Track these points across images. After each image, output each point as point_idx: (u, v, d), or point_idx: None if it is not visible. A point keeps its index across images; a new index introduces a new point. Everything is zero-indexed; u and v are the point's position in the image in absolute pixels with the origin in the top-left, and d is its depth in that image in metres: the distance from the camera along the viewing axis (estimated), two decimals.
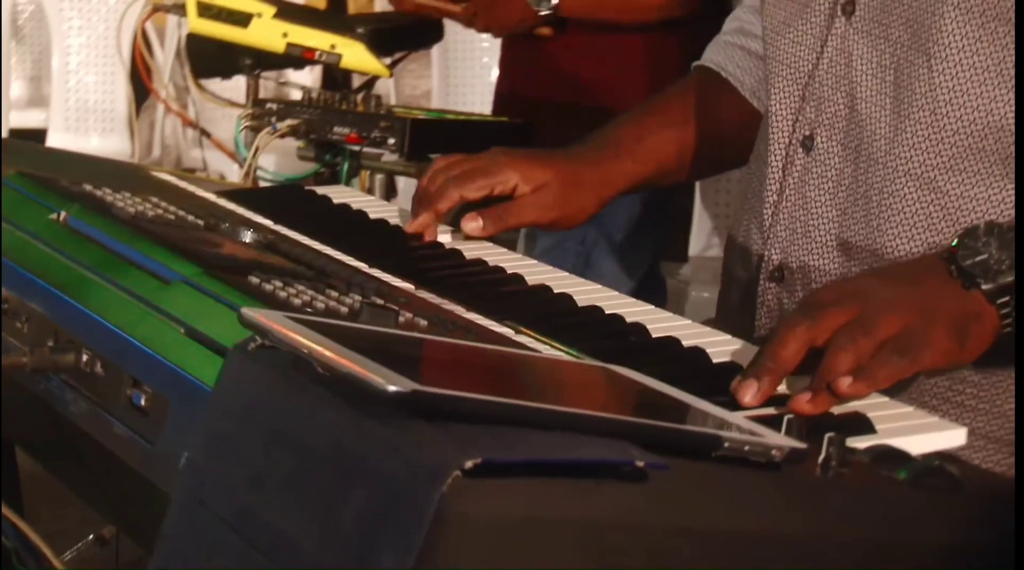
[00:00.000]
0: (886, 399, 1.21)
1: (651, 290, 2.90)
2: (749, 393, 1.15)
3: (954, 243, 1.24)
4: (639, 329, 1.33)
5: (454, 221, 1.69)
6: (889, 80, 1.38)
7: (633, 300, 1.45)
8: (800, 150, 1.45)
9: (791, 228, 1.47)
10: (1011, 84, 1.32)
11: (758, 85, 1.67)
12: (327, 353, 0.94)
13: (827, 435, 1.01)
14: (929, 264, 1.25)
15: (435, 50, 5.21)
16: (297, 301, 1.23)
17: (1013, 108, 1.32)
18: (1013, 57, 1.31)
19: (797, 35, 1.47)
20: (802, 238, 1.46)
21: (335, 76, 3.47)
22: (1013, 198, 1.34)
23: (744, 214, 1.57)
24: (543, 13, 2.83)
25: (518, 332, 1.29)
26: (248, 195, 1.82)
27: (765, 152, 1.51)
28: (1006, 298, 1.21)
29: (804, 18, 1.46)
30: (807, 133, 1.45)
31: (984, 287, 1.21)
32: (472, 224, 1.58)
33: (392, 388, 0.88)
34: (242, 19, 2.76)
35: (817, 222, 1.44)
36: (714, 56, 1.73)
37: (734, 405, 1.13)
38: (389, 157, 2.71)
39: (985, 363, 1.30)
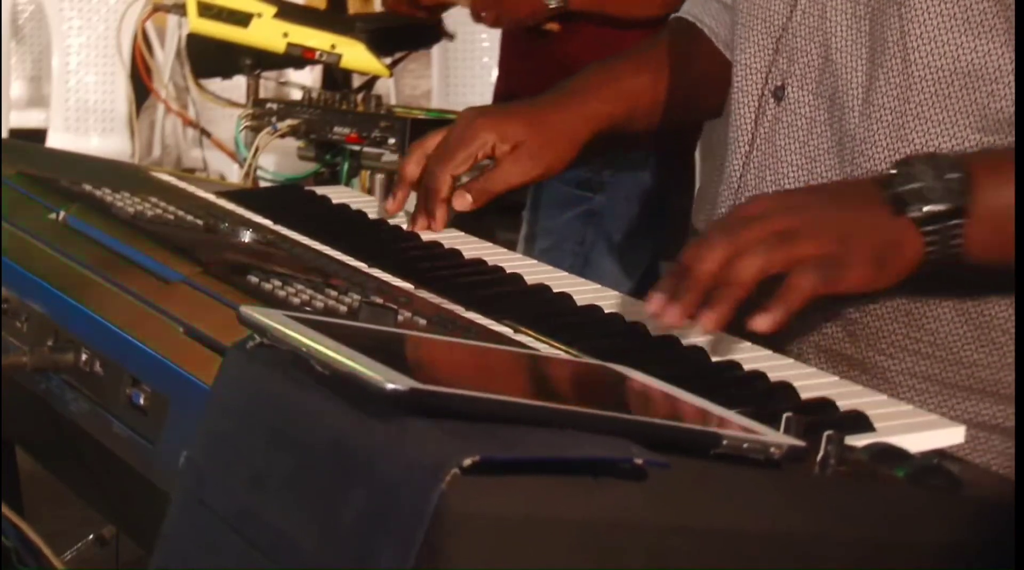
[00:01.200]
0: (884, 397, 1.22)
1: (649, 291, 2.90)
2: (670, 313, 1.18)
3: (892, 169, 1.25)
4: (638, 328, 1.33)
5: (454, 222, 1.70)
6: (864, 30, 1.40)
7: (633, 300, 1.45)
8: (771, 100, 1.48)
9: (760, 176, 1.49)
10: (978, 31, 1.33)
11: (732, 37, 1.69)
12: (326, 351, 0.94)
13: (826, 433, 1.01)
14: (863, 188, 1.27)
15: (435, 50, 5.22)
16: (296, 300, 1.23)
17: (980, 55, 1.33)
18: (980, 4, 1.32)
19: None
20: (771, 187, 1.48)
21: (335, 76, 3.47)
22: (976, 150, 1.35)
23: (713, 172, 1.60)
24: (553, 6, 2.81)
25: (517, 331, 1.29)
26: (248, 195, 1.82)
27: (732, 106, 1.53)
28: (933, 227, 1.22)
29: None
30: (779, 83, 1.47)
31: (911, 214, 1.23)
32: (461, 200, 1.61)
33: (390, 386, 0.88)
34: (242, 19, 2.77)
35: (787, 170, 1.47)
36: (691, 8, 1.75)
37: (733, 403, 1.14)
38: (389, 157, 2.71)
39: (923, 293, 1.36)
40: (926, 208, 1.22)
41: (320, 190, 1.85)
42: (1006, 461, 1.37)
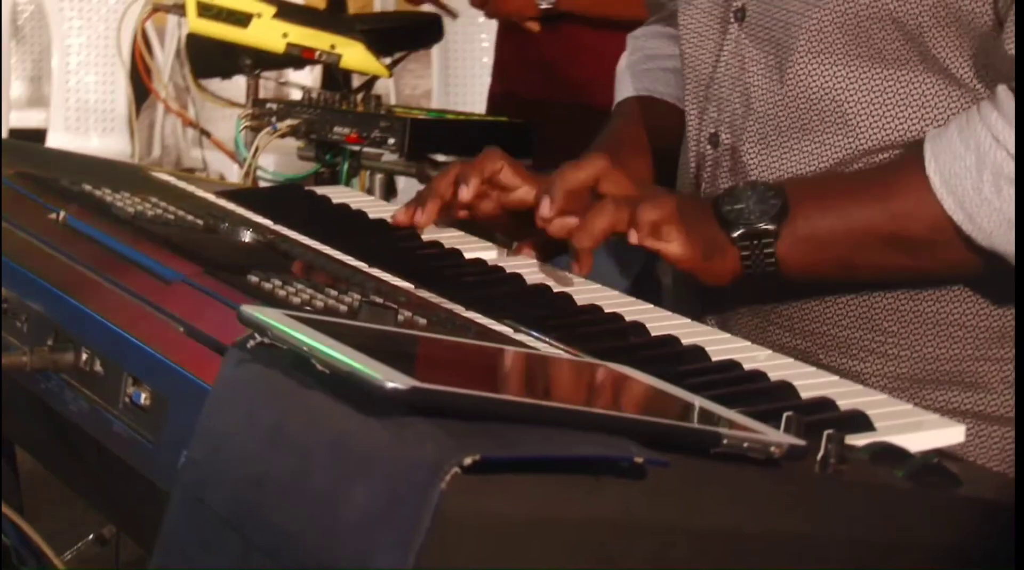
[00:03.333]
0: (885, 397, 1.22)
1: (645, 291, 2.90)
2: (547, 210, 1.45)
3: (719, 194, 1.45)
4: (638, 328, 1.34)
5: (453, 222, 1.69)
6: (776, 78, 1.49)
7: (632, 299, 1.45)
8: (709, 146, 1.57)
9: None
10: (871, 110, 1.45)
11: None
12: (326, 350, 0.94)
13: (826, 433, 1.01)
14: (700, 203, 1.47)
15: (435, 50, 5.22)
16: (296, 300, 1.23)
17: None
18: (869, 95, 1.45)
19: (700, 39, 1.58)
20: None
21: (335, 76, 3.47)
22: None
23: None
24: (544, 6, 2.81)
25: (517, 331, 1.29)
26: (248, 195, 1.82)
27: (681, 153, 1.63)
28: (747, 243, 1.41)
29: (706, 23, 1.57)
30: (712, 131, 1.56)
31: (730, 232, 1.41)
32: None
33: (391, 385, 0.88)
34: (242, 19, 2.76)
35: None
36: (639, 84, 1.82)
37: (733, 402, 1.14)
38: (389, 157, 2.71)
39: (882, 299, 1.47)
40: (742, 228, 1.41)
41: (320, 190, 1.85)
42: (980, 442, 1.47)
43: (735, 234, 1.41)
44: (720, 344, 1.31)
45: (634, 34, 1.88)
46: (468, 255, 1.56)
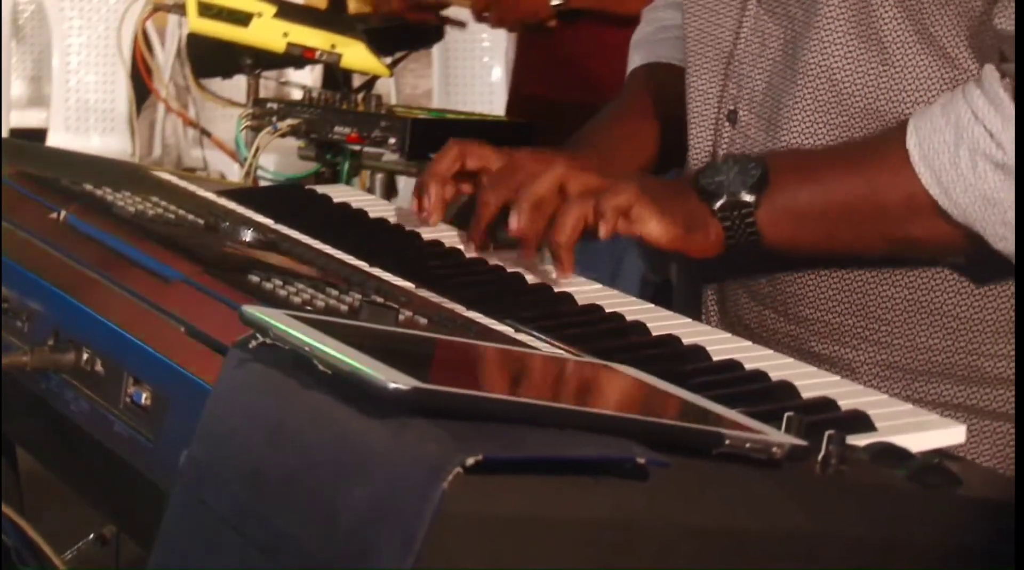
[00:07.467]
0: (885, 397, 1.22)
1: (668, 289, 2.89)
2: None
3: (699, 169, 1.46)
4: (639, 327, 1.34)
5: (454, 220, 1.69)
6: (791, 54, 1.50)
7: (633, 299, 1.45)
8: (727, 123, 1.57)
9: None
10: (866, 92, 1.45)
11: None
12: (328, 350, 0.94)
13: (827, 433, 1.01)
14: (678, 182, 1.50)
15: (435, 50, 5.23)
16: (297, 299, 1.23)
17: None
18: (865, 78, 1.45)
19: (717, 17, 1.59)
20: None
21: (335, 76, 3.47)
22: None
23: None
24: (556, 3, 2.81)
25: (518, 331, 1.29)
26: (248, 195, 1.82)
27: (690, 129, 1.62)
28: (726, 213, 1.41)
29: (723, 1, 1.58)
30: (731, 108, 1.57)
31: (711, 203, 1.42)
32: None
33: (392, 385, 0.88)
34: (242, 19, 2.76)
35: None
36: (653, 51, 1.83)
37: (734, 403, 1.14)
38: (389, 157, 2.71)
39: (875, 286, 1.47)
40: (722, 199, 1.41)
41: (321, 189, 1.85)
42: (972, 437, 1.45)
43: (715, 206, 1.41)
44: (721, 344, 1.31)
45: (651, 6, 1.89)
46: (468, 255, 1.56)
